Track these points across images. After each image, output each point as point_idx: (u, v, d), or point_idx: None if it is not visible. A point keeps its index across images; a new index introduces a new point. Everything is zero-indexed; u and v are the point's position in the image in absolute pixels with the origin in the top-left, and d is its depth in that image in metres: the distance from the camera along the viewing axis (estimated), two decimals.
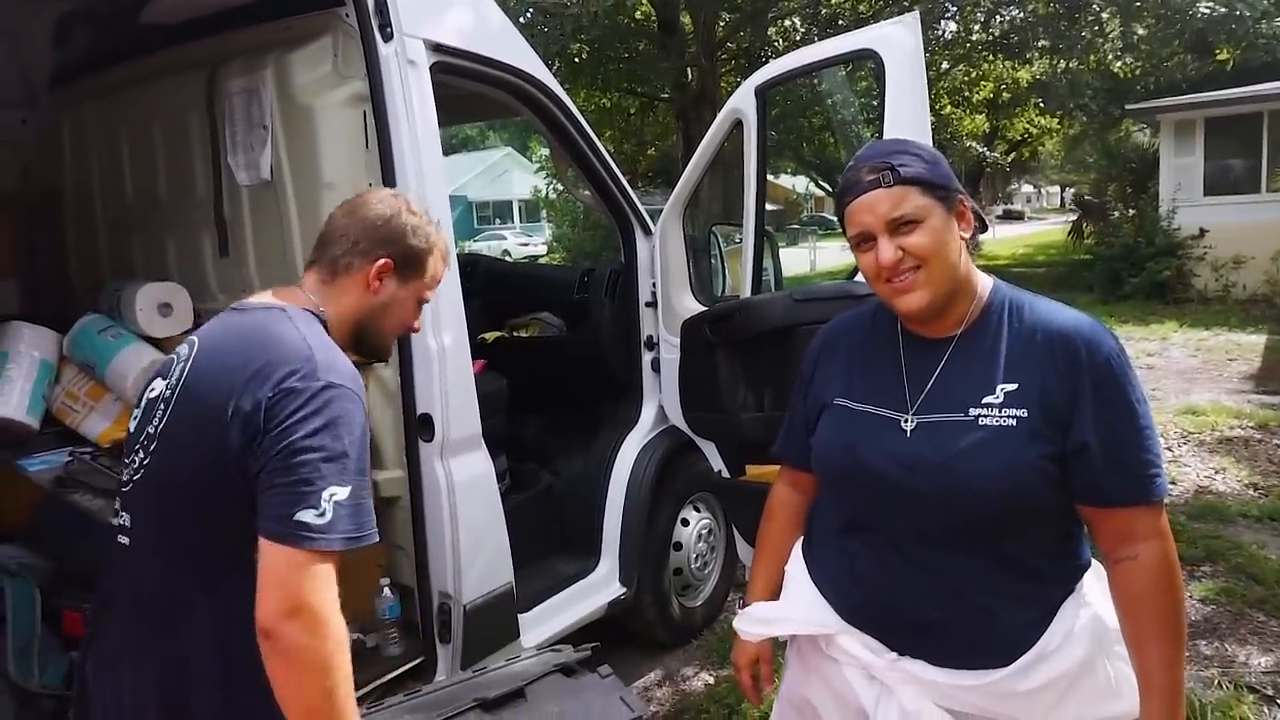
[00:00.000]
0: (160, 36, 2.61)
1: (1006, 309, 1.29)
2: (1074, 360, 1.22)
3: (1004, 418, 1.22)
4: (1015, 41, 13.13)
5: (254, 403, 1.26)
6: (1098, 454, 1.19)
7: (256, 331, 1.36)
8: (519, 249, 28.57)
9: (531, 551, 2.81)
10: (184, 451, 1.33)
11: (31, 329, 2.67)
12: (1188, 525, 4.18)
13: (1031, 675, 1.24)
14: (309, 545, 1.20)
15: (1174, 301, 11.44)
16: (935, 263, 1.24)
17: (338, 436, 1.26)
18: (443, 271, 1.60)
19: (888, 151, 1.27)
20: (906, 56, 2.43)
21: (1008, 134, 20.26)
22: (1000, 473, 1.20)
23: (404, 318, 1.56)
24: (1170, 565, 1.20)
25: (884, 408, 1.31)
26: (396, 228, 1.49)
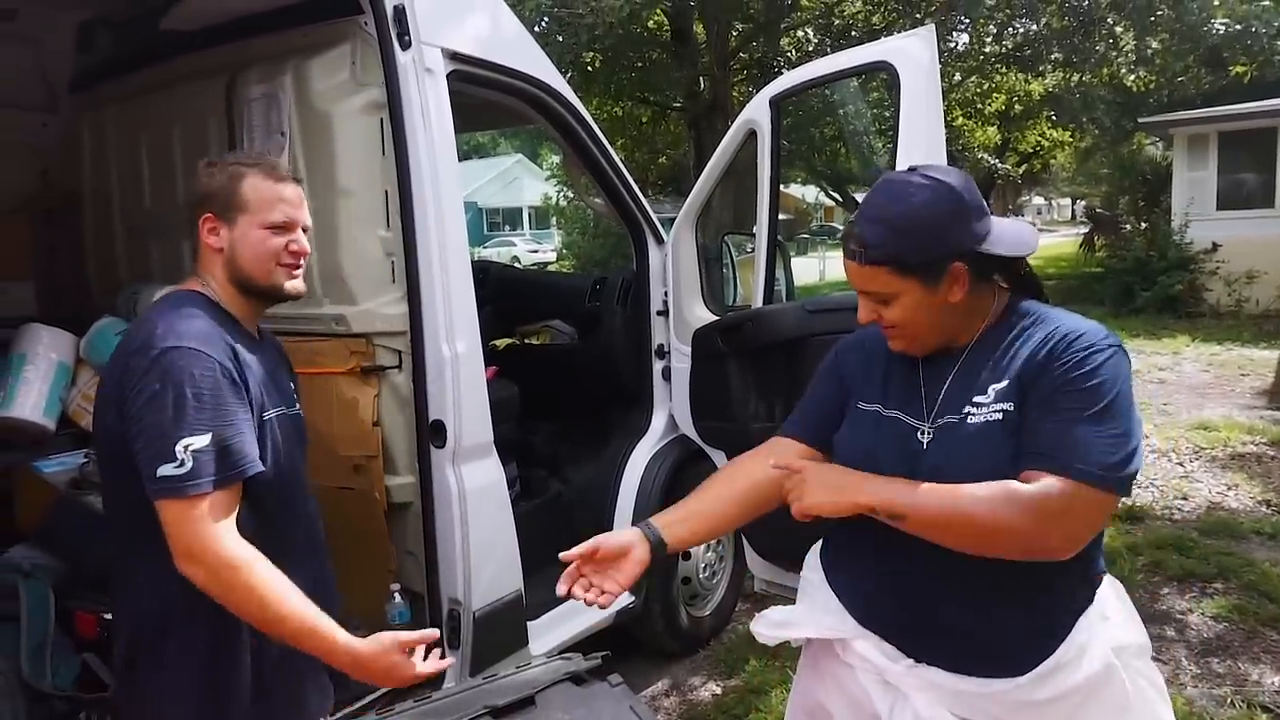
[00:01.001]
0: (180, 42, 2.63)
1: (1019, 321, 1.31)
2: (1050, 350, 1.23)
3: (992, 413, 1.24)
4: (1028, 54, 13.12)
5: (115, 386, 1.44)
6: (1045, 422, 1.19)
7: (135, 324, 1.56)
8: (528, 256, 28.63)
9: (541, 559, 2.79)
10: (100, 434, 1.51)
11: (49, 331, 2.69)
12: (1200, 541, 4.15)
13: (1047, 685, 1.24)
14: (177, 495, 1.34)
15: (1186, 316, 11.37)
16: (907, 330, 1.29)
17: (179, 392, 1.37)
18: (272, 189, 1.56)
19: (871, 218, 1.27)
20: (922, 70, 2.43)
21: (1019, 146, 20.21)
22: (987, 464, 1.21)
23: (259, 252, 1.55)
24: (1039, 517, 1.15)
25: (903, 413, 1.34)
26: (198, 187, 1.57)
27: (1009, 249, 1.27)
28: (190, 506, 1.34)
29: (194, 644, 1.45)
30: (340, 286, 2.41)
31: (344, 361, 2.36)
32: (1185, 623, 3.44)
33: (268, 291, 1.59)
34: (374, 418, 2.34)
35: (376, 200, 2.31)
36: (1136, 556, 4.01)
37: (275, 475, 1.50)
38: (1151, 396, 7.31)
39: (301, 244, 1.60)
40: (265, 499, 1.49)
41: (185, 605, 1.41)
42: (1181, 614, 3.51)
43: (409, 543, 2.37)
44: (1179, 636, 3.33)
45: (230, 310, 1.56)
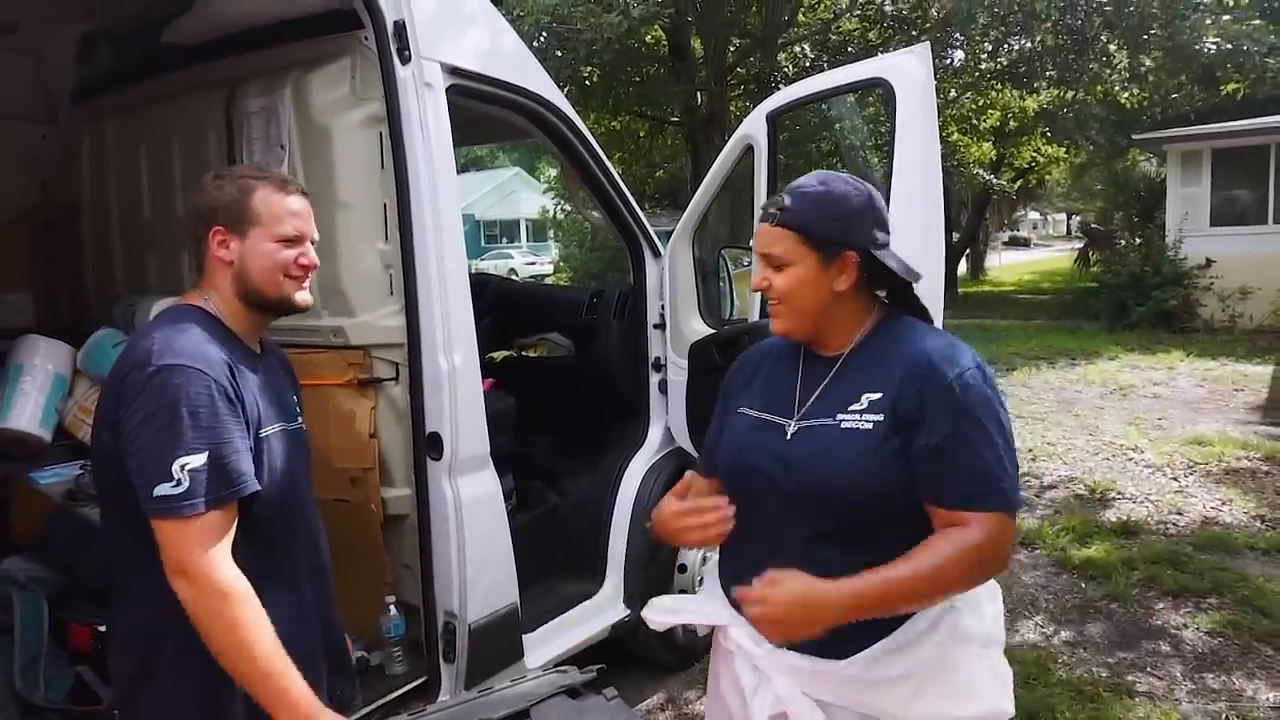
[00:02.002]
0: (181, 56, 2.65)
1: (894, 334, 1.42)
2: (923, 379, 1.33)
3: (862, 422, 1.35)
4: (1023, 71, 13.21)
5: (112, 402, 1.43)
6: (935, 460, 1.30)
7: (133, 338, 1.55)
8: (525, 268, 28.67)
9: (537, 572, 2.81)
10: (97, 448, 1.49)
11: (46, 342, 2.69)
12: (1194, 556, 4.16)
13: (883, 665, 1.33)
14: (174, 515, 1.34)
15: (1180, 331, 11.42)
16: (790, 303, 1.40)
17: (175, 412, 1.35)
18: (282, 202, 1.56)
19: (797, 189, 1.40)
20: (917, 86, 2.46)
21: (1015, 161, 20.31)
22: (851, 469, 1.33)
23: (268, 265, 1.54)
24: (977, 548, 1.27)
25: (774, 414, 1.45)
26: (206, 199, 1.55)
27: (898, 268, 1.39)
28: (186, 526, 1.33)
29: (189, 659, 1.42)
30: (338, 299, 2.42)
31: (341, 373, 2.37)
32: (1180, 638, 3.44)
33: (277, 304, 1.58)
34: (371, 430, 2.35)
35: (375, 213, 2.32)
36: (1131, 571, 4.02)
37: (273, 493, 1.49)
38: (1146, 411, 7.33)
39: (311, 257, 1.60)
40: (262, 516, 1.48)
41: (180, 621, 1.39)
42: (1176, 629, 3.51)
43: (405, 555, 2.37)
44: (1174, 652, 3.34)
45: (231, 325, 1.55)
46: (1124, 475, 5.57)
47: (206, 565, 1.33)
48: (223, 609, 1.33)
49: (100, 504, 1.58)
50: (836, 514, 1.35)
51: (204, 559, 1.33)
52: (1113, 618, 3.64)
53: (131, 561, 1.45)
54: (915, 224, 2.46)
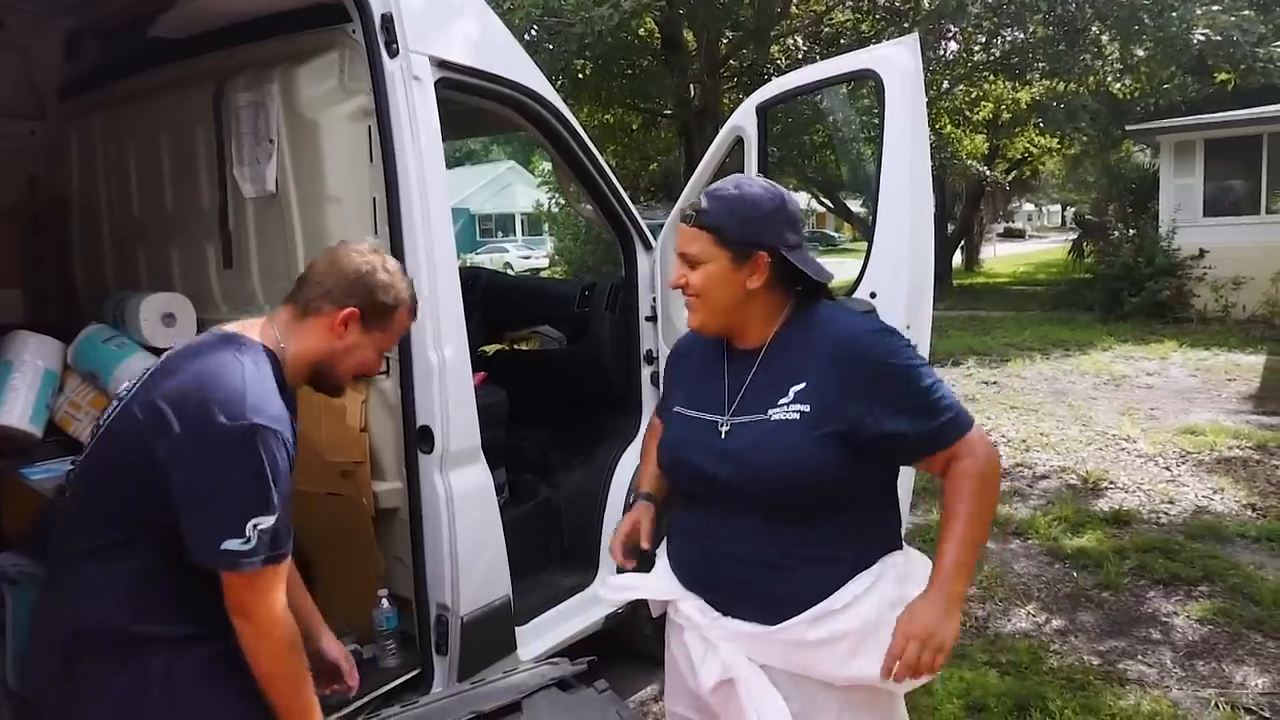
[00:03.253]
0: (168, 51, 2.64)
1: (806, 323, 1.50)
2: (846, 360, 1.43)
3: (790, 412, 1.43)
4: (1015, 62, 13.20)
5: (185, 428, 1.40)
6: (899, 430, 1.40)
7: (207, 360, 1.48)
8: (521, 262, 28.63)
9: (529, 564, 2.81)
10: (117, 444, 1.48)
11: (36, 338, 2.68)
12: (1186, 545, 4.18)
13: (818, 628, 1.42)
14: (240, 570, 1.39)
15: (1174, 321, 11.45)
16: (704, 300, 1.49)
17: (261, 473, 1.39)
18: (409, 325, 1.71)
19: (713, 192, 1.49)
20: (906, 77, 2.46)
21: (1008, 153, 20.30)
22: (783, 457, 1.42)
23: (363, 362, 1.66)
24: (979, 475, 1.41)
25: (707, 412, 1.53)
26: (370, 282, 1.59)
27: (810, 270, 1.48)
28: (255, 579, 1.40)
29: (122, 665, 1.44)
30: None
31: None
32: (1171, 625, 3.46)
33: (330, 388, 1.68)
34: (362, 424, 2.35)
35: (364, 207, 2.32)
36: (1123, 560, 4.04)
37: None
38: (1139, 402, 7.36)
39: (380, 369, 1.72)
40: None
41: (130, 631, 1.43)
42: (1167, 617, 3.53)
43: (397, 549, 2.37)
44: (1164, 639, 3.36)
45: (287, 374, 1.57)
46: (1117, 465, 5.59)
47: (267, 610, 1.42)
48: (291, 657, 1.46)
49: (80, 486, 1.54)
50: (775, 502, 1.45)
51: (265, 604, 1.42)
52: (1104, 606, 3.67)
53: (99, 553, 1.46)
54: (904, 213, 2.47)
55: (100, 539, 1.47)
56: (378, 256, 1.64)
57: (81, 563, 1.48)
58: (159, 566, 1.46)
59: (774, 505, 1.45)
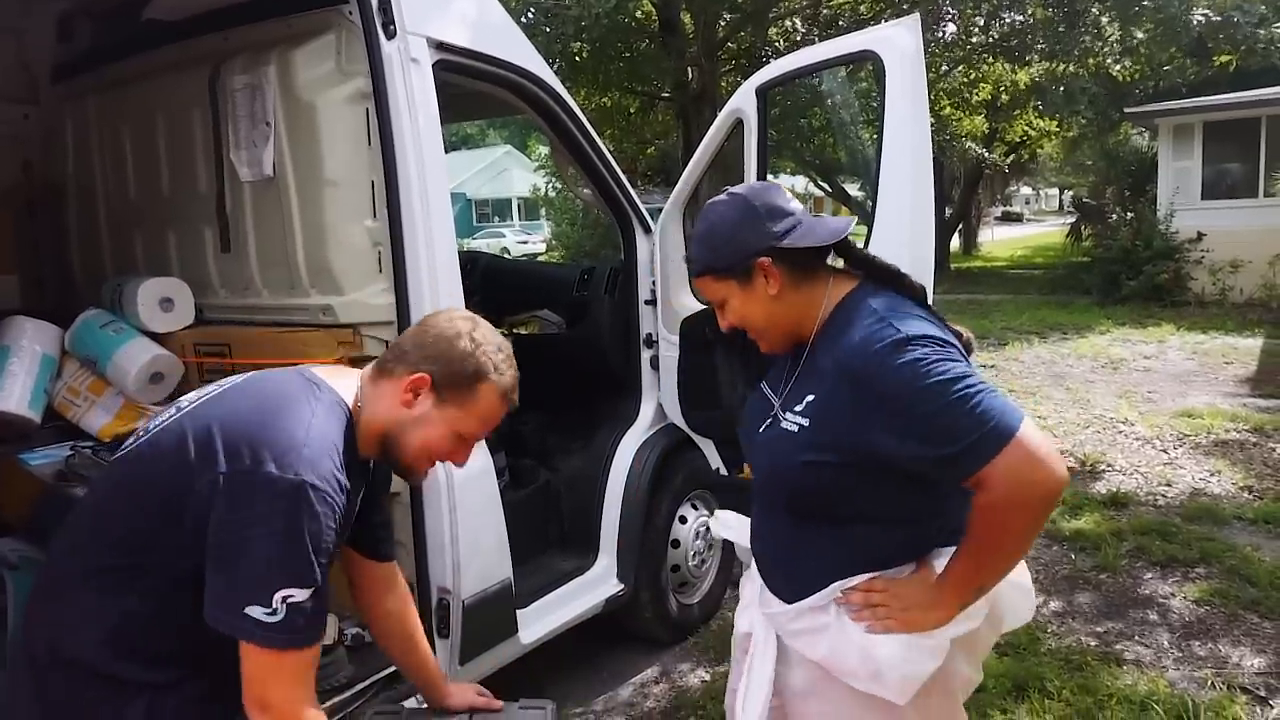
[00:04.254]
0: (163, 33, 2.61)
1: (838, 320, 1.42)
2: (847, 377, 1.33)
3: (793, 423, 1.41)
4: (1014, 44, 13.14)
5: (231, 467, 1.26)
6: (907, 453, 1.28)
7: (278, 398, 1.36)
8: (518, 247, 28.56)
9: (530, 548, 2.82)
10: (156, 460, 1.35)
11: (33, 323, 2.68)
12: (1183, 527, 4.20)
13: (805, 619, 1.45)
14: (264, 644, 1.23)
15: (1171, 305, 11.46)
16: (751, 327, 1.48)
17: (301, 537, 1.24)
18: (495, 410, 1.47)
19: (693, 239, 1.51)
20: (907, 58, 2.44)
21: (1007, 136, 20.23)
22: (780, 464, 1.44)
23: (432, 442, 1.44)
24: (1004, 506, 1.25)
25: (774, 394, 1.51)
26: (449, 347, 1.43)
27: (815, 241, 1.42)
28: (278, 658, 1.25)
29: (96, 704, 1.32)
30: (327, 277, 2.41)
31: (331, 352, 2.36)
32: (1168, 607, 3.48)
33: (397, 469, 1.49)
34: None
35: (363, 190, 2.30)
36: (1121, 542, 4.06)
37: None
38: (1137, 385, 7.37)
39: (464, 459, 1.52)
40: None
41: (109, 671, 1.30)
42: (1164, 598, 3.55)
43: (398, 532, 2.35)
44: (1161, 620, 3.38)
45: (360, 441, 1.43)
46: (1114, 448, 5.61)
47: (291, 706, 1.27)
48: None
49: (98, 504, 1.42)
50: (783, 500, 1.47)
51: (289, 698, 1.27)
52: (1102, 588, 3.68)
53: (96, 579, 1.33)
54: (904, 196, 2.46)
55: (104, 560, 1.34)
56: (468, 323, 1.46)
57: (76, 584, 1.35)
58: (154, 612, 1.32)
59: (781, 500, 1.47)
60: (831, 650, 1.42)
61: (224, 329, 2.67)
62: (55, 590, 1.39)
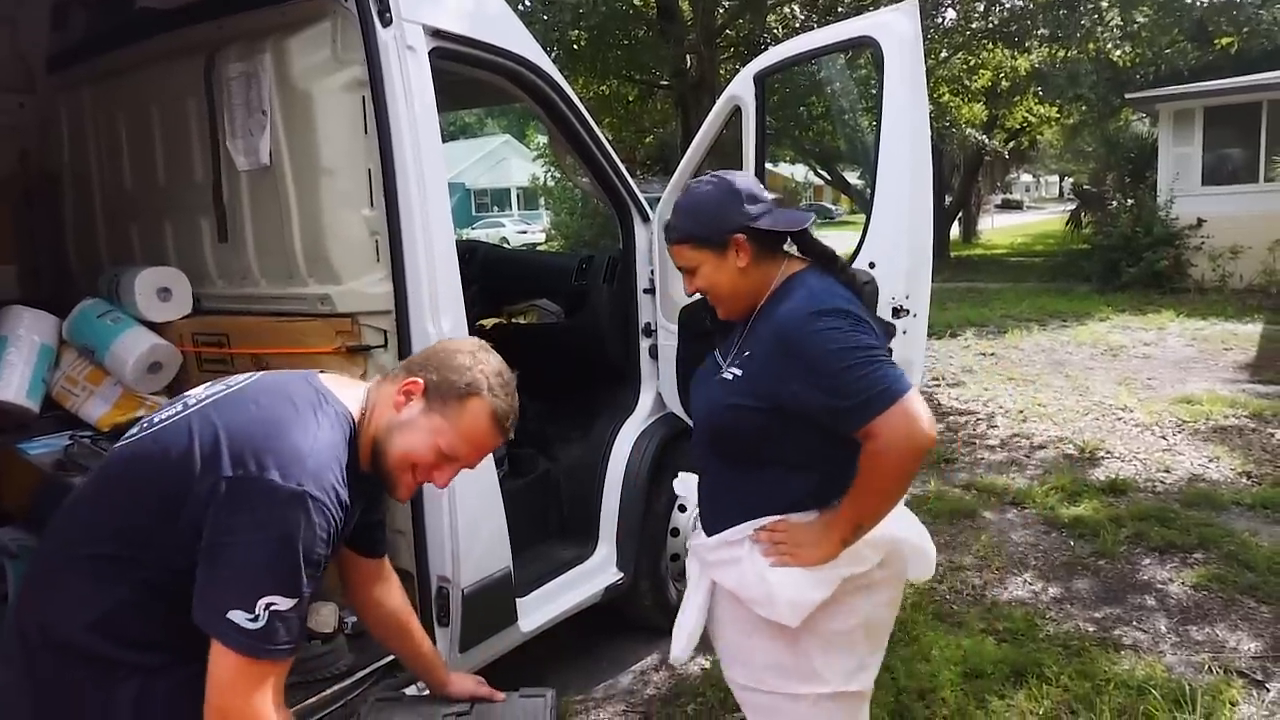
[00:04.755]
0: (157, 21, 2.60)
1: (783, 294, 1.63)
2: (776, 339, 1.56)
3: (728, 374, 1.62)
4: (1014, 29, 13.07)
5: (235, 473, 1.27)
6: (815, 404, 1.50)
7: (286, 408, 1.36)
8: (517, 236, 28.52)
9: (529, 537, 2.82)
10: (159, 457, 1.35)
11: (31, 313, 2.68)
12: (1181, 513, 4.21)
13: (721, 550, 1.66)
14: (241, 651, 1.23)
15: (1171, 291, 11.46)
16: (715, 295, 1.67)
17: (293, 547, 1.24)
18: (484, 433, 1.46)
19: (675, 210, 1.69)
20: (905, 44, 2.43)
21: (1006, 123, 20.16)
22: (713, 407, 1.65)
23: (413, 451, 1.43)
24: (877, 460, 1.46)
25: (722, 356, 1.71)
26: (449, 358, 1.46)
27: (783, 226, 1.64)
28: (249, 666, 1.24)
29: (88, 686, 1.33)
30: (325, 266, 2.40)
31: (330, 341, 2.36)
32: (1166, 592, 3.49)
33: (383, 475, 1.46)
34: None
35: (359, 179, 2.30)
36: (1119, 528, 4.07)
37: None
38: (1136, 372, 7.37)
39: (445, 481, 1.50)
40: None
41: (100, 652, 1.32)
42: (1162, 584, 3.57)
43: (397, 521, 2.37)
44: (1159, 605, 3.39)
45: (362, 454, 1.43)
46: (1113, 435, 5.62)
47: (254, 714, 1.25)
48: None
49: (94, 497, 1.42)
50: (713, 442, 1.68)
51: (252, 708, 1.25)
52: (1100, 574, 3.70)
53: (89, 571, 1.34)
54: (903, 183, 2.45)
55: (99, 548, 1.34)
56: (475, 345, 1.51)
57: (69, 570, 1.36)
58: (145, 601, 1.32)
59: (712, 445, 1.68)
60: (739, 580, 1.63)
61: (222, 319, 2.67)
62: (48, 575, 1.40)
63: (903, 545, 1.66)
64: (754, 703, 1.71)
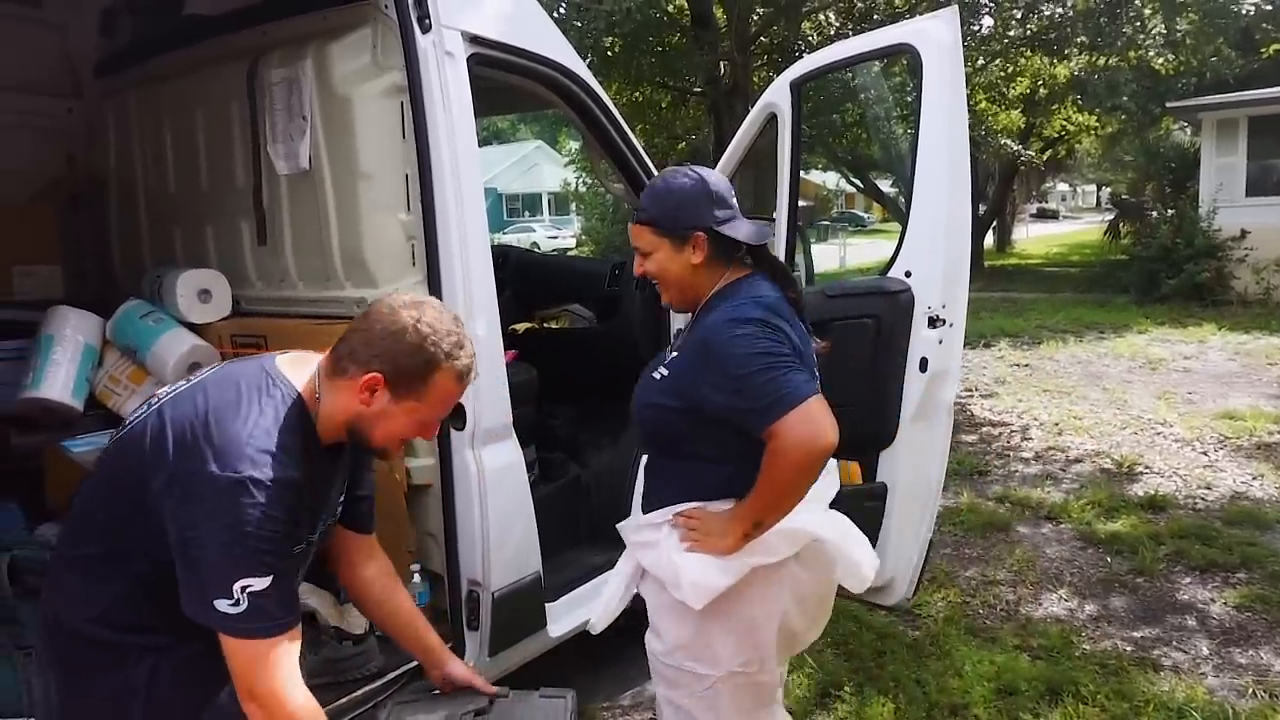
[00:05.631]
0: (202, 27, 2.65)
1: (719, 299, 1.71)
2: (699, 342, 1.66)
3: (658, 374, 1.73)
4: (1054, 37, 12.89)
5: (178, 467, 1.32)
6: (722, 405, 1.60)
7: (230, 393, 1.40)
8: (548, 242, 28.63)
9: (559, 542, 2.82)
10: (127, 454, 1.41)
11: (76, 313, 2.73)
12: (1223, 531, 4.11)
13: (642, 533, 1.79)
14: (239, 635, 1.30)
15: (1213, 304, 11.21)
16: (663, 282, 1.76)
17: (248, 529, 1.28)
18: (452, 393, 1.50)
19: (648, 192, 1.75)
20: (945, 51, 2.41)
21: (1044, 131, 19.88)
22: (642, 402, 1.76)
23: (396, 431, 1.49)
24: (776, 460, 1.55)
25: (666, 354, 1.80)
26: (395, 344, 1.43)
27: (741, 236, 1.71)
28: (253, 648, 1.30)
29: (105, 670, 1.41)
30: (361, 270, 2.43)
31: None
32: (1207, 613, 3.41)
33: (371, 452, 1.55)
34: None
35: (397, 184, 2.32)
36: (1158, 546, 3.98)
37: None
38: (1176, 385, 7.22)
39: (432, 434, 1.57)
40: None
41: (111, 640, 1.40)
42: (1204, 604, 3.48)
43: (429, 524, 2.39)
44: (1199, 627, 3.31)
45: (320, 430, 1.46)
46: (1152, 450, 5.50)
47: (276, 690, 1.31)
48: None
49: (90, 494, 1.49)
50: (644, 434, 1.82)
51: (273, 683, 1.31)
52: (1138, 592, 3.62)
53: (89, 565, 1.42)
54: (940, 192, 2.43)
55: (89, 548, 1.42)
56: (414, 311, 1.45)
57: (68, 568, 1.46)
58: (139, 593, 1.39)
59: (643, 435, 1.83)
60: (654, 561, 1.74)
61: (260, 320, 2.71)
62: (56, 570, 1.49)
63: (826, 546, 1.71)
64: (658, 671, 1.82)
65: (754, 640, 1.72)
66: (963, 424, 6.16)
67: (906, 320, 2.43)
